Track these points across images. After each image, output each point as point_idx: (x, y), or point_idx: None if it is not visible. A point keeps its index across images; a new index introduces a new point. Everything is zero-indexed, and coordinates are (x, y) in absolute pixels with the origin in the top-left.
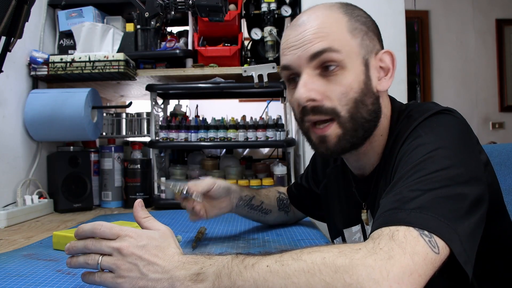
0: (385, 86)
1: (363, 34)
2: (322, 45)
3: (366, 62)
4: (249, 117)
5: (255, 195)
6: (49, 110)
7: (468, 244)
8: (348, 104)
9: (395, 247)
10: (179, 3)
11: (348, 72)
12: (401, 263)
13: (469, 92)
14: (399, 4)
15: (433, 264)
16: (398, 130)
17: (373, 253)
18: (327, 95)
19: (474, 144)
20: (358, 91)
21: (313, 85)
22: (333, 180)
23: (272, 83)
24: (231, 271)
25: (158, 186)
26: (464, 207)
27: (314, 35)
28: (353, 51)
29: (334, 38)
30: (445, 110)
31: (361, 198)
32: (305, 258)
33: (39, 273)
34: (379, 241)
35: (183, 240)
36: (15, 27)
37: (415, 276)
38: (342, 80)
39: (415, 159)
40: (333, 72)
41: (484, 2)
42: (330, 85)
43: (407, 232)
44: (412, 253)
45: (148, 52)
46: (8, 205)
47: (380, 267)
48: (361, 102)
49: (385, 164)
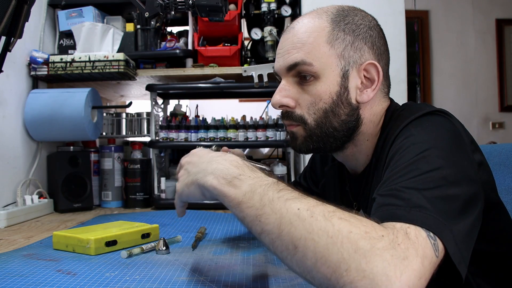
0: (365, 98)
1: (346, 45)
2: (296, 57)
3: (346, 73)
4: (249, 117)
5: None
6: (49, 110)
7: (463, 244)
8: (316, 113)
9: (410, 247)
10: (179, 3)
11: (320, 83)
12: (414, 266)
13: (469, 92)
14: (399, 4)
15: (434, 267)
16: (388, 129)
17: (392, 247)
18: (299, 102)
19: (467, 144)
20: (329, 102)
21: (287, 92)
22: (331, 178)
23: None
24: (264, 194)
25: (158, 186)
26: (458, 207)
27: (292, 45)
28: (329, 63)
29: (309, 49)
30: (437, 111)
31: (353, 197)
32: (334, 222)
33: (39, 273)
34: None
35: (183, 240)
36: (15, 27)
37: (422, 281)
38: (313, 90)
39: (408, 158)
40: (307, 82)
41: (484, 2)
42: (303, 94)
43: (417, 232)
44: (423, 257)
45: (148, 52)
46: (8, 205)
47: (395, 265)
48: (332, 112)
49: (376, 163)
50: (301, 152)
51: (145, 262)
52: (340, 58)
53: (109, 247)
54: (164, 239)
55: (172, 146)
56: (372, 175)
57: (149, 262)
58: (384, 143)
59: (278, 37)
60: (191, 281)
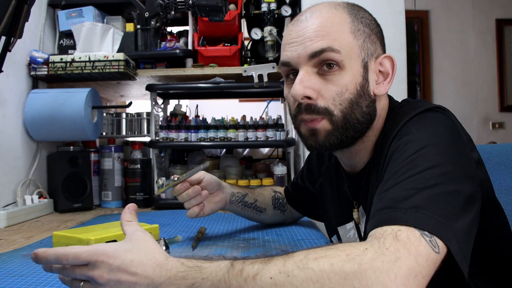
0: (382, 91)
1: (366, 37)
2: (322, 44)
3: (366, 64)
4: (249, 117)
5: (248, 192)
6: (49, 110)
7: (464, 242)
8: (342, 104)
9: (401, 248)
10: (179, 3)
11: (345, 73)
12: (407, 265)
13: (469, 92)
14: (399, 4)
15: (434, 264)
16: (388, 126)
17: (380, 254)
18: (322, 93)
19: (465, 142)
20: (354, 92)
21: (309, 82)
22: (327, 178)
23: (272, 83)
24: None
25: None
26: (458, 205)
27: (315, 32)
28: (353, 52)
29: (335, 37)
30: (436, 108)
31: (352, 196)
32: (312, 266)
33: (39, 273)
34: (384, 241)
35: (183, 240)
36: (15, 27)
37: (419, 278)
38: (339, 80)
39: (406, 156)
40: (331, 71)
41: (484, 2)
42: (327, 84)
43: (409, 232)
44: (416, 255)
45: (148, 52)
46: (8, 205)
47: (388, 270)
48: (356, 104)
49: (375, 160)
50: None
51: None
52: (361, 49)
53: None
54: (164, 239)
55: (172, 146)
56: (372, 171)
57: None
58: (384, 140)
59: (278, 37)
60: None
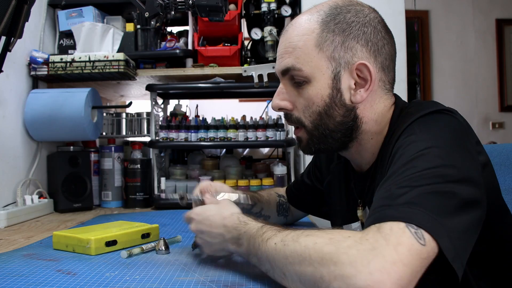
0: (359, 99)
1: (336, 46)
2: (287, 62)
3: (337, 75)
4: (249, 117)
5: (257, 202)
6: (49, 110)
7: (459, 241)
8: (311, 116)
9: (380, 238)
10: (179, 3)
11: (312, 87)
12: (383, 253)
13: (469, 92)
14: (399, 4)
15: (419, 255)
16: (395, 127)
17: (358, 243)
18: (296, 105)
19: (472, 145)
20: (321, 105)
21: (285, 95)
22: (336, 176)
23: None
24: (254, 242)
25: (158, 186)
26: (453, 204)
27: (284, 49)
28: (319, 66)
29: (299, 54)
30: (445, 110)
31: (358, 194)
32: (300, 241)
33: (39, 273)
34: (368, 232)
35: (183, 240)
36: (15, 27)
37: (399, 265)
38: (306, 94)
39: (407, 156)
40: (301, 85)
41: (484, 2)
42: (299, 97)
43: (393, 225)
44: (396, 244)
45: (148, 52)
46: (8, 205)
47: (362, 257)
48: (326, 115)
49: (381, 160)
50: (308, 154)
51: (145, 262)
52: (330, 60)
53: (109, 247)
54: (164, 239)
55: (172, 146)
56: (377, 172)
57: (149, 262)
58: (389, 141)
59: (278, 37)
60: (191, 281)
